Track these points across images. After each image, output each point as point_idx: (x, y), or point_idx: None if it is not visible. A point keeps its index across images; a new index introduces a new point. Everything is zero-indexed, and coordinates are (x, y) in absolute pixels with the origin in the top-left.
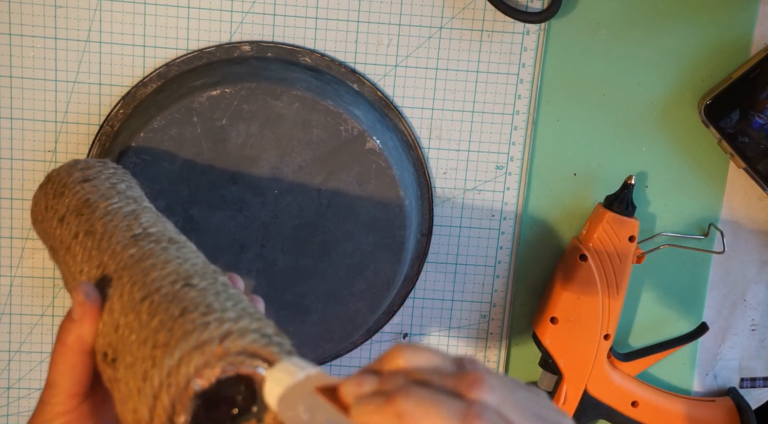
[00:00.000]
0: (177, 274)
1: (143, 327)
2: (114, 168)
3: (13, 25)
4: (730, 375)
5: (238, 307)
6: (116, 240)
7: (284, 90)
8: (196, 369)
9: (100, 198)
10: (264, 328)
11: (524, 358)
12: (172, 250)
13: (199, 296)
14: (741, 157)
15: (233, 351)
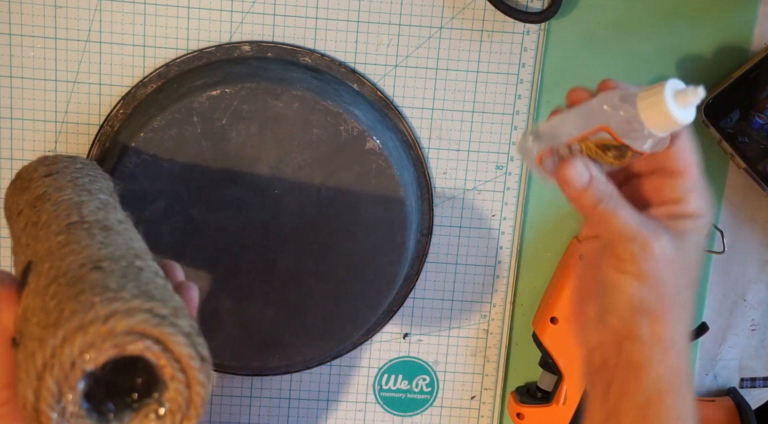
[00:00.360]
0: (89, 258)
1: (42, 310)
2: (83, 163)
3: (13, 25)
4: (730, 375)
5: (138, 289)
6: (52, 229)
7: (284, 90)
8: (80, 349)
9: (54, 191)
10: (159, 308)
11: (524, 358)
12: (99, 236)
13: (102, 278)
14: (741, 157)
15: (119, 331)
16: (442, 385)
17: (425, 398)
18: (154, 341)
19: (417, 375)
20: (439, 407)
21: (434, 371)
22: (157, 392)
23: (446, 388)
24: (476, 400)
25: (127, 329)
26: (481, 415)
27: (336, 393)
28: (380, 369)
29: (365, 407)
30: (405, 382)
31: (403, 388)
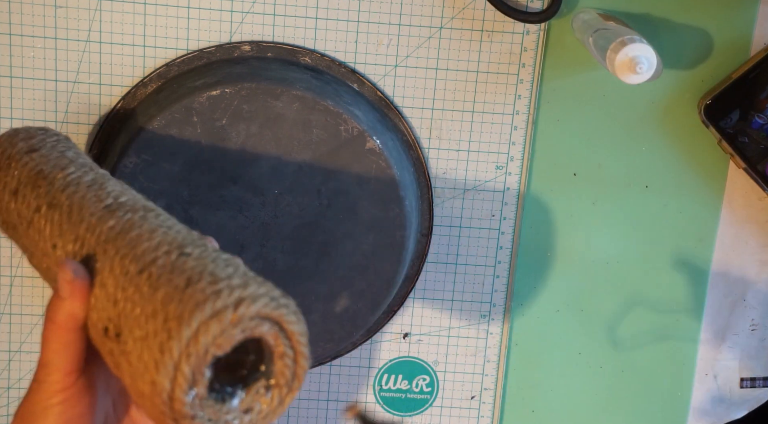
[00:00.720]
0: (168, 244)
1: (148, 300)
2: (56, 135)
3: (13, 25)
4: (730, 375)
5: (239, 272)
6: (89, 212)
7: (284, 90)
8: (213, 337)
9: (54, 168)
10: (271, 291)
11: (524, 358)
12: (152, 218)
13: (198, 264)
14: (741, 157)
15: (247, 317)
16: (442, 385)
17: (425, 398)
18: (273, 322)
19: (417, 375)
20: (439, 407)
21: (434, 371)
22: (263, 366)
23: (446, 388)
24: (476, 400)
25: (253, 315)
26: (481, 415)
27: (336, 393)
28: (380, 369)
29: (365, 406)
30: (405, 382)
31: (403, 388)
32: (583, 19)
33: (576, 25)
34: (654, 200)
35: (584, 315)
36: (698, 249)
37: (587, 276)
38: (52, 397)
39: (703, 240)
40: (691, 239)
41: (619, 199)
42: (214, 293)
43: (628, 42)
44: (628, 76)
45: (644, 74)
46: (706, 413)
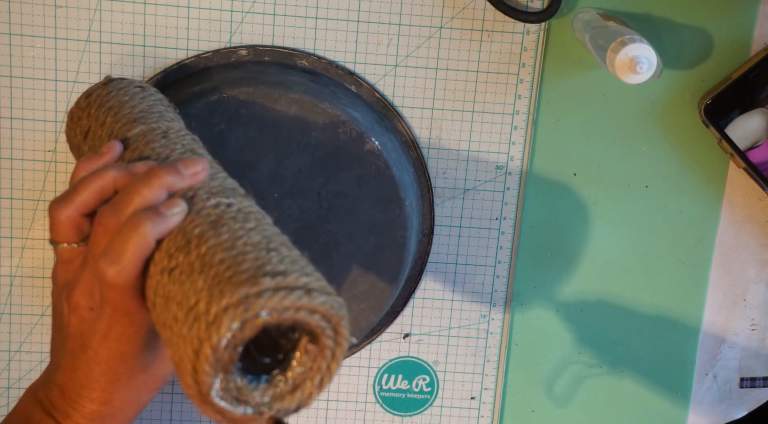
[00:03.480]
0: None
1: (200, 265)
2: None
3: (13, 25)
4: (730, 375)
5: (310, 266)
6: None
7: (282, 94)
8: (242, 321)
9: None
10: (329, 288)
11: (524, 358)
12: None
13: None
14: (741, 157)
15: (307, 307)
16: (442, 385)
17: (425, 398)
18: (323, 317)
19: (417, 375)
20: (439, 407)
21: (434, 371)
22: (299, 351)
23: (446, 388)
24: (476, 400)
25: (312, 308)
26: (481, 415)
27: (336, 393)
28: (380, 369)
29: (365, 407)
30: (405, 382)
31: (403, 388)
32: (583, 19)
33: (576, 25)
34: (654, 200)
35: (584, 315)
36: (698, 249)
37: (587, 276)
38: (123, 296)
39: (703, 240)
40: (691, 239)
41: (619, 199)
42: (252, 278)
43: (628, 42)
44: (629, 76)
45: (644, 74)
46: (706, 414)
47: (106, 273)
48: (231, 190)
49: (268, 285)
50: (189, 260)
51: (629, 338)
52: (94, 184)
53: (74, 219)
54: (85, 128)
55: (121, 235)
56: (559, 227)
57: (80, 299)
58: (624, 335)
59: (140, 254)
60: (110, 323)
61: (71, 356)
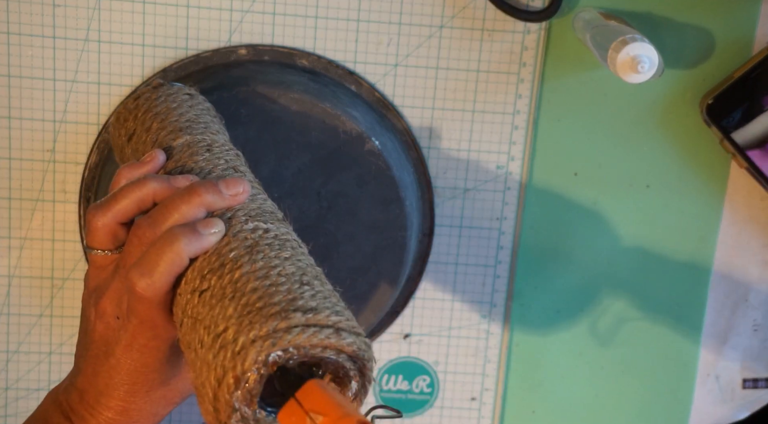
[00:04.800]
0: (298, 270)
1: (232, 291)
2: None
3: (12, 24)
4: (732, 376)
5: (341, 303)
6: None
7: (282, 93)
8: (266, 354)
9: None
10: (358, 328)
11: (524, 358)
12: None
13: (317, 276)
14: (743, 156)
15: (335, 346)
16: (442, 385)
17: (425, 398)
18: (350, 355)
19: (417, 375)
20: (440, 407)
21: (434, 372)
22: None
23: (446, 388)
24: (476, 401)
25: (339, 347)
26: (482, 415)
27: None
28: (380, 369)
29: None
30: (405, 382)
31: (403, 388)
32: (584, 18)
33: (577, 24)
34: (655, 200)
35: (585, 315)
36: (700, 249)
37: (588, 276)
38: (149, 308)
39: (704, 240)
40: (693, 239)
41: (620, 198)
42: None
43: (629, 41)
44: (630, 75)
45: (646, 73)
46: (708, 415)
47: (135, 285)
48: (270, 214)
49: (298, 321)
50: (221, 284)
51: (630, 339)
52: (133, 194)
53: (111, 226)
54: (131, 131)
55: (155, 248)
56: (560, 227)
57: (108, 306)
58: (625, 335)
59: (172, 270)
60: (134, 334)
61: (93, 362)
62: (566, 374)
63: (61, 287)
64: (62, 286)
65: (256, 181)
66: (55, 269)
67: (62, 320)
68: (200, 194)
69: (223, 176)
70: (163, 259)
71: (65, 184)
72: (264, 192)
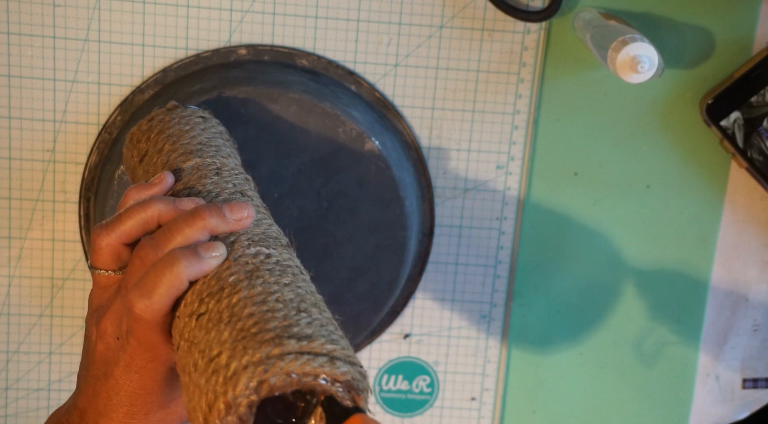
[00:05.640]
0: (296, 298)
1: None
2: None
3: (12, 24)
4: (732, 376)
5: (338, 332)
6: None
7: (281, 93)
8: (258, 381)
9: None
10: (354, 357)
11: (524, 358)
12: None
13: (312, 297)
14: (743, 156)
15: (329, 375)
16: (442, 385)
17: (425, 398)
18: (343, 384)
19: (417, 375)
20: (440, 407)
21: (434, 372)
22: (312, 417)
23: (446, 388)
24: (476, 401)
25: (333, 377)
26: (482, 415)
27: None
28: (380, 369)
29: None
30: (405, 382)
31: (403, 388)
32: (584, 18)
33: (577, 24)
34: (655, 200)
35: (585, 315)
36: (700, 249)
37: (588, 276)
38: (148, 330)
39: (704, 240)
40: (693, 239)
41: (620, 199)
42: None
43: (629, 41)
44: (630, 75)
45: (645, 73)
46: (708, 415)
47: (134, 306)
48: (273, 240)
49: (292, 348)
50: (219, 308)
51: (630, 339)
52: (138, 215)
53: (115, 247)
54: (143, 152)
55: (155, 270)
56: (560, 227)
57: (108, 326)
58: (625, 335)
59: (171, 293)
60: (133, 355)
61: (93, 382)
62: (566, 374)
63: (61, 287)
64: (62, 286)
65: (263, 206)
66: (55, 269)
67: (62, 320)
68: (204, 218)
69: (230, 200)
70: (163, 281)
71: (65, 184)
72: (270, 217)
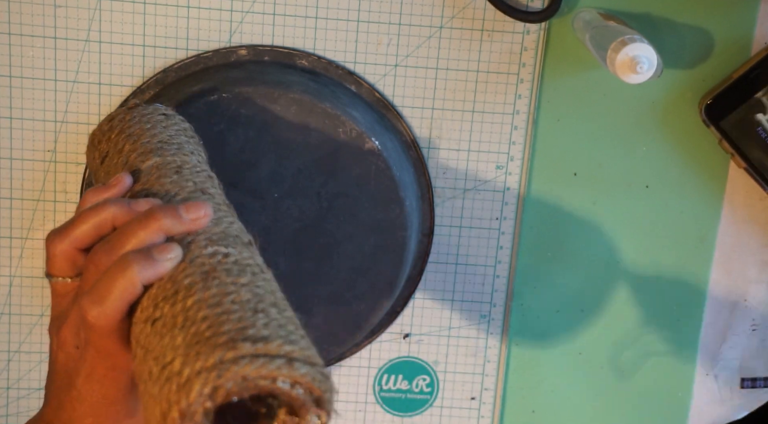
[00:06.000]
0: (255, 299)
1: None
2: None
3: (13, 25)
4: (731, 375)
5: (299, 332)
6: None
7: (281, 93)
8: (213, 385)
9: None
10: (315, 358)
11: (524, 357)
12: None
13: (270, 294)
14: (742, 157)
15: (287, 377)
16: (442, 385)
17: (425, 398)
18: (305, 387)
19: (417, 375)
20: (439, 407)
21: (434, 371)
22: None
23: (446, 388)
24: (476, 400)
25: (294, 379)
26: (482, 415)
27: (336, 393)
28: (380, 369)
29: (365, 407)
30: (405, 382)
31: (403, 388)
32: (584, 19)
33: (576, 25)
34: (654, 200)
35: (584, 315)
36: (699, 249)
37: (587, 276)
38: (103, 338)
39: (703, 240)
40: (692, 239)
41: (619, 199)
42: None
43: (628, 41)
44: (629, 75)
45: (645, 74)
46: (707, 414)
47: (87, 313)
48: (233, 238)
49: (247, 351)
50: (173, 312)
51: (629, 338)
52: (92, 219)
53: (69, 253)
54: (104, 153)
55: (107, 275)
56: (559, 227)
57: (68, 335)
58: (624, 335)
59: (125, 298)
60: (93, 364)
61: (57, 394)
62: (566, 374)
63: None
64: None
65: (226, 203)
66: None
67: None
68: (158, 219)
69: (189, 199)
70: (116, 286)
71: (66, 184)
72: (233, 215)
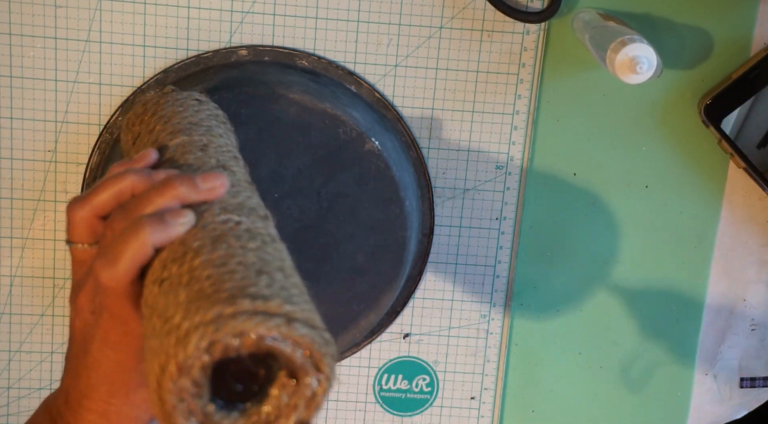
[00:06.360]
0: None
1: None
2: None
3: (13, 25)
4: (730, 375)
5: (303, 296)
6: None
7: (282, 94)
8: (209, 342)
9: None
10: (316, 321)
11: (524, 357)
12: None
13: (279, 259)
14: (741, 157)
15: (285, 336)
16: (442, 385)
17: (425, 398)
18: (305, 350)
19: (417, 375)
20: (439, 407)
21: (434, 371)
22: (276, 390)
23: (446, 388)
24: (476, 400)
25: (295, 338)
26: (481, 415)
27: (336, 393)
28: (380, 369)
29: (365, 407)
30: (405, 382)
31: (403, 388)
32: (584, 19)
33: (576, 25)
34: (654, 200)
35: (584, 315)
36: (698, 249)
37: (587, 276)
38: (118, 298)
39: (702, 240)
40: (691, 239)
41: (619, 199)
42: (231, 297)
43: (628, 42)
44: (629, 75)
45: (644, 74)
46: (706, 414)
47: (100, 276)
48: (249, 209)
49: (246, 307)
50: (180, 272)
51: (629, 338)
52: (112, 187)
53: (89, 220)
54: (136, 134)
55: (120, 238)
56: (559, 227)
57: (84, 301)
58: (624, 334)
59: (137, 260)
60: (107, 329)
61: (75, 361)
62: (566, 374)
63: (63, 287)
64: (63, 286)
65: (248, 181)
66: (57, 269)
67: (64, 320)
68: (174, 187)
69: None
70: (128, 248)
71: (66, 184)
72: (255, 193)
